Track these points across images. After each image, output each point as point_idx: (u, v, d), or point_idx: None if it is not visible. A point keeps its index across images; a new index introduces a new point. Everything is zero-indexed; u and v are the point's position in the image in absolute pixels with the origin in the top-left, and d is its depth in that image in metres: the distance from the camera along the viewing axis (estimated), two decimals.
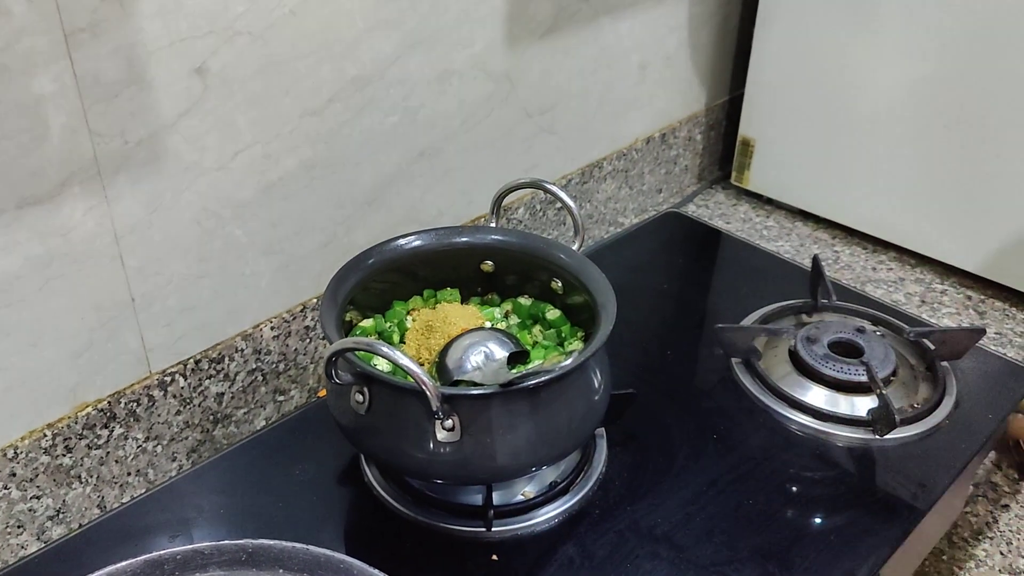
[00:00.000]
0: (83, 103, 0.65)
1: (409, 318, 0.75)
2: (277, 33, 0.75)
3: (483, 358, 0.65)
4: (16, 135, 0.63)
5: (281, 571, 0.56)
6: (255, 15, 0.73)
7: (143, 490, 0.80)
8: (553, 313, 0.75)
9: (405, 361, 0.55)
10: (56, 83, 0.63)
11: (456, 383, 0.65)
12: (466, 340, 0.67)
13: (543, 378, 0.59)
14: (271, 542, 0.57)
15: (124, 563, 0.56)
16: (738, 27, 1.30)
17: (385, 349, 0.55)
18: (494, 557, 0.66)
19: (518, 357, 0.67)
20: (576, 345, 0.72)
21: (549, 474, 0.71)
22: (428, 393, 0.55)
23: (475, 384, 0.63)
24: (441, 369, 0.67)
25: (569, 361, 0.59)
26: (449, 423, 0.59)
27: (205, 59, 0.71)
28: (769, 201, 1.32)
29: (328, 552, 0.56)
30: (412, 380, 0.56)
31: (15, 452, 0.71)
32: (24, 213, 0.65)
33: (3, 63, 0.60)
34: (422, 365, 0.68)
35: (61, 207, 0.67)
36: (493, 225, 0.77)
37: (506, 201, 0.81)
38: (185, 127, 0.72)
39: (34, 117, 0.63)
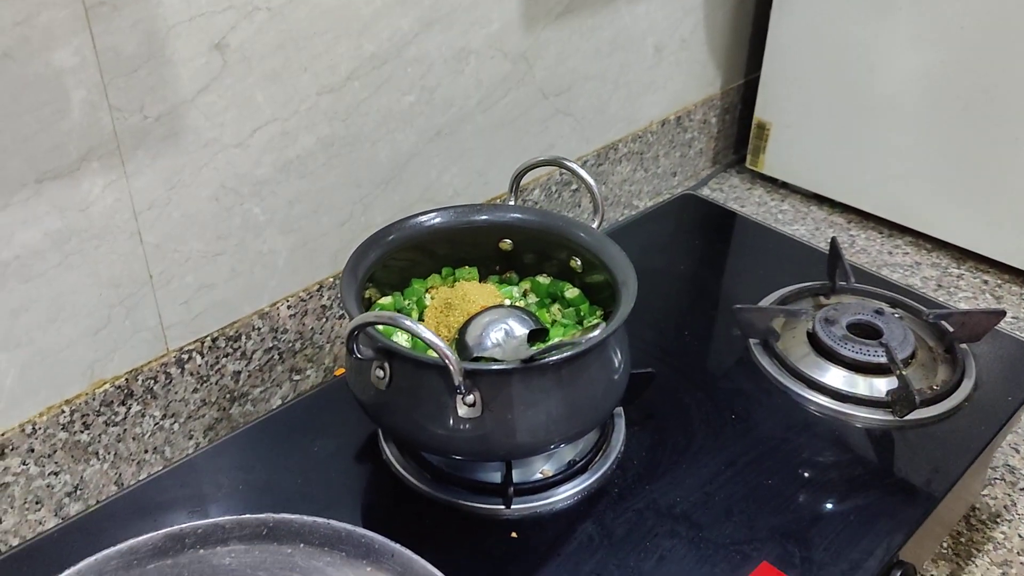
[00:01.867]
0: (103, 77, 0.65)
1: (428, 296, 0.74)
2: (295, 9, 0.74)
3: (503, 335, 0.65)
4: (37, 109, 0.62)
5: (302, 545, 0.56)
6: None
7: (160, 467, 0.80)
8: (572, 292, 0.74)
9: (428, 335, 0.54)
10: (76, 57, 0.63)
11: (476, 360, 0.65)
12: (486, 317, 0.67)
13: (566, 353, 0.59)
14: (292, 516, 0.57)
15: (145, 536, 0.56)
16: (754, 10, 1.29)
17: (408, 323, 0.55)
18: (513, 534, 0.66)
19: (538, 335, 0.67)
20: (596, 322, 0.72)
21: (567, 452, 0.71)
22: (451, 368, 0.55)
23: (496, 360, 0.63)
24: (461, 346, 0.67)
25: (597, 332, 0.59)
26: (471, 398, 0.58)
27: (224, 34, 0.71)
28: (784, 185, 1.31)
29: (349, 526, 0.56)
30: (433, 355, 0.56)
31: (33, 428, 0.71)
32: (44, 187, 0.65)
33: (24, 36, 0.60)
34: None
35: (80, 182, 0.67)
36: (512, 203, 0.77)
37: (522, 181, 0.80)
38: (204, 103, 0.72)
39: (54, 91, 0.63)
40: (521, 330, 0.66)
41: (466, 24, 0.89)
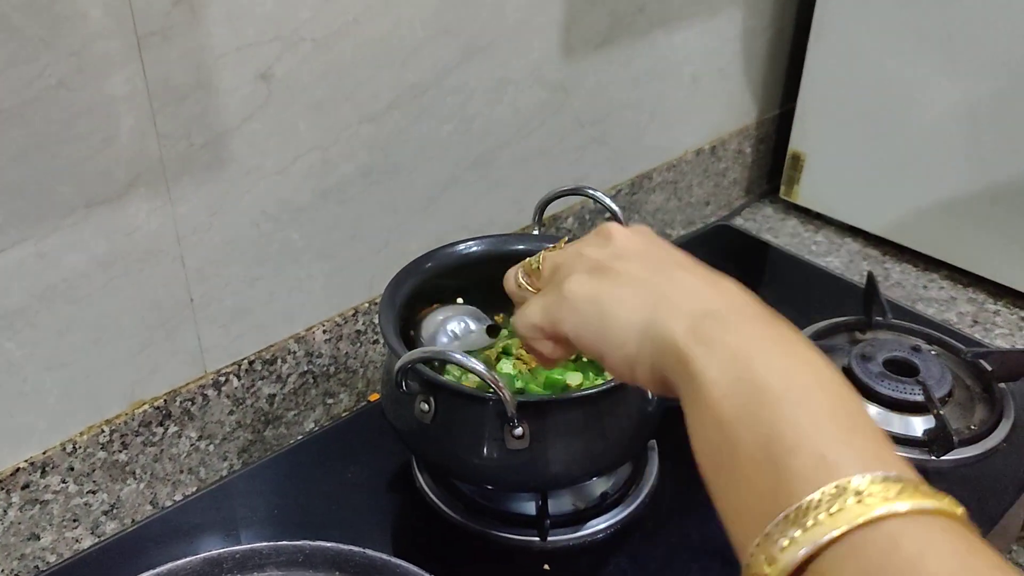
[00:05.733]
0: (152, 105, 0.66)
1: None
2: (340, 40, 0.75)
3: (461, 329, 0.68)
4: (88, 136, 0.64)
5: (337, 573, 0.57)
6: (320, 22, 0.73)
7: (194, 488, 0.81)
8: None
9: (481, 369, 0.55)
10: (127, 85, 0.64)
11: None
12: (440, 315, 0.70)
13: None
14: (328, 544, 0.57)
15: (183, 560, 0.57)
16: (791, 41, 1.29)
17: (459, 357, 0.55)
18: (546, 567, 0.66)
19: (493, 330, 0.69)
20: None
21: (600, 485, 0.71)
22: (505, 400, 0.55)
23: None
24: (412, 344, 0.68)
25: None
26: (519, 430, 0.59)
27: (270, 65, 0.72)
28: (818, 216, 1.31)
29: (384, 556, 0.57)
30: (476, 386, 0.56)
31: (74, 447, 0.72)
32: (92, 212, 0.66)
33: (78, 66, 0.62)
34: None
35: (127, 207, 0.68)
36: (537, 233, 0.77)
37: (555, 211, 0.81)
38: (248, 131, 0.73)
39: (105, 118, 0.64)
40: (478, 324, 0.68)
41: (507, 54, 0.90)
